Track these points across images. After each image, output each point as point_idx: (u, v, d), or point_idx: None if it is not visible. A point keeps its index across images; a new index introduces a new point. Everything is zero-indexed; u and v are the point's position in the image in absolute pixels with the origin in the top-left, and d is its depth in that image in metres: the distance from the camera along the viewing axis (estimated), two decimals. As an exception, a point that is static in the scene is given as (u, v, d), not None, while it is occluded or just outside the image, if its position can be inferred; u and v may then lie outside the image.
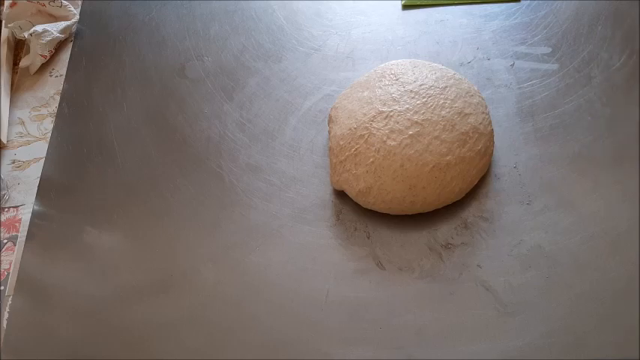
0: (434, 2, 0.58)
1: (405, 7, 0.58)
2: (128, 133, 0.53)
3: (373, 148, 0.44)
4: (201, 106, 0.54)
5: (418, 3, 0.58)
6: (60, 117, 0.55)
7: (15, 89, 0.59)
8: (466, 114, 0.44)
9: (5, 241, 0.49)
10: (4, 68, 0.58)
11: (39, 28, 0.59)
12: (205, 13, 0.61)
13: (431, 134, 0.43)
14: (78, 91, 0.57)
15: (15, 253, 0.48)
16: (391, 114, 0.44)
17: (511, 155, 0.47)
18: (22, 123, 0.56)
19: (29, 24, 0.60)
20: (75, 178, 0.51)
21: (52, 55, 0.60)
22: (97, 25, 0.62)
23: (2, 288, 0.46)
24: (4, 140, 0.55)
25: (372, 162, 0.43)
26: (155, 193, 0.49)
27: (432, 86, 0.45)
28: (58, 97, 0.57)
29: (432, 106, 0.44)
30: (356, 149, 0.44)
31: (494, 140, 0.47)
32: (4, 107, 0.56)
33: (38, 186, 0.51)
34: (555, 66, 0.51)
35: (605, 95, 0.49)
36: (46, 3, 0.60)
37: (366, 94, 0.47)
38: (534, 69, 0.51)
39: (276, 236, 0.46)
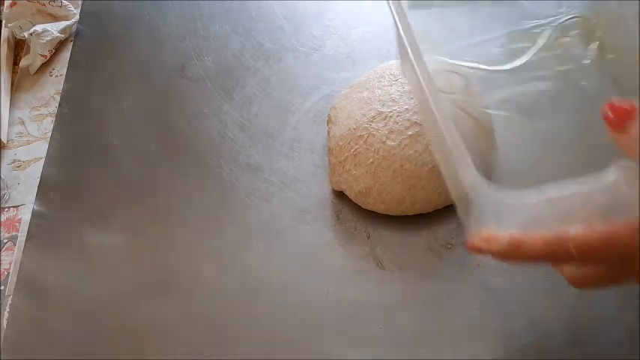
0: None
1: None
2: (128, 133, 0.53)
3: (372, 149, 0.44)
4: (201, 105, 0.54)
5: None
6: (60, 117, 0.55)
7: (15, 89, 0.59)
8: (466, 114, 0.44)
9: (5, 241, 0.49)
10: (4, 68, 0.58)
11: (39, 28, 0.59)
12: (205, 13, 0.61)
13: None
14: (78, 91, 0.57)
15: (15, 253, 0.48)
16: (390, 114, 0.44)
17: (511, 155, 0.47)
18: (22, 123, 0.56)
19: (29, 24, 0.60)
20: (75, 178, 0.51)
21: (52, 55, 0.60)
22: (97, 25, 0.62)
23: (2, 288, 0.46)
24: (4, 140, 0.55)
25: (372, 162, 0.43)
26: (155, 193, 0.49)
27: (431, 86, 0.45)
28: (58, 97, 0.57)
29: (431, 106, 0.44)
30: (355, 150, 0.44)
31: (494, 140, 0.47)
32: (4, 107, 0.56)
33: (38, 186, 0.51)
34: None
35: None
36: (46, 3, 0.60)
37: (365, 94, 0.47)
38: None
39: (276, 236, 0.46)
